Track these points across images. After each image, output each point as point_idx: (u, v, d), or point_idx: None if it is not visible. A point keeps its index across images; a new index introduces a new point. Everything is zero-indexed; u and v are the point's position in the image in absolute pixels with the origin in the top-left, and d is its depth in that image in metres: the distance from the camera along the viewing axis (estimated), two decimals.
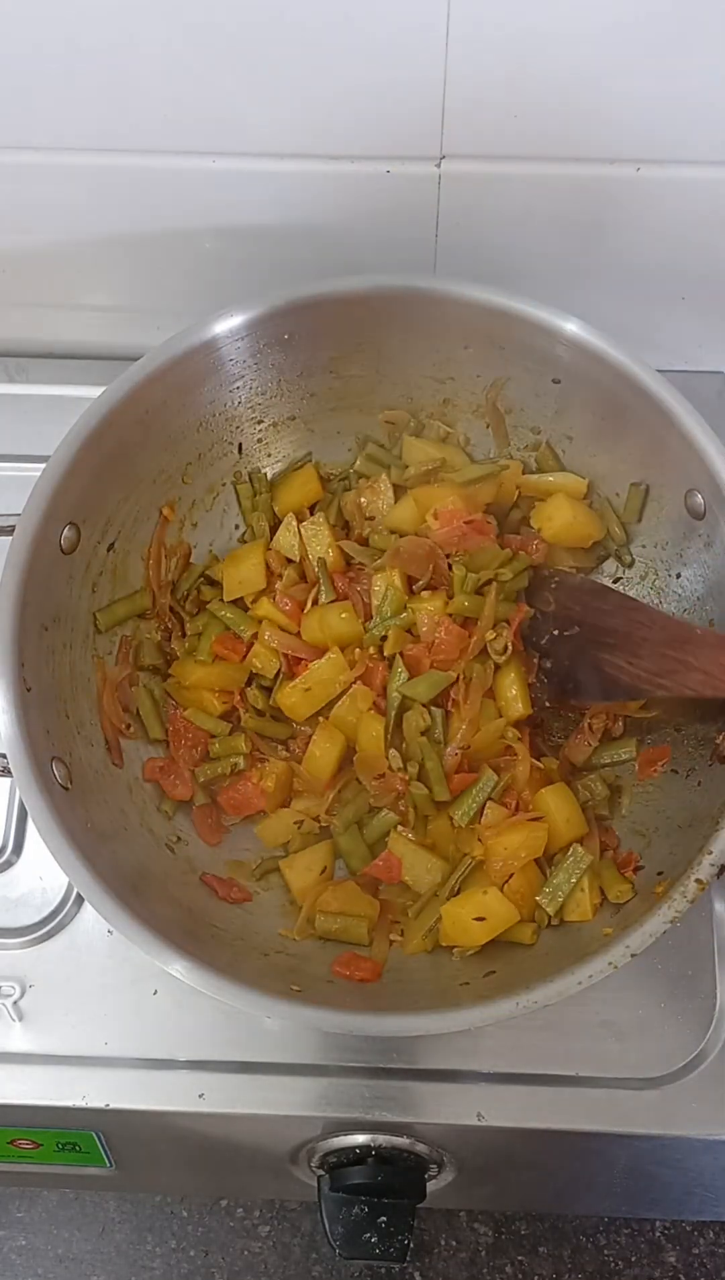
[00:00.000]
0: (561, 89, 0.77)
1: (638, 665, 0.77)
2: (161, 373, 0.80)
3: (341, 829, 0.82)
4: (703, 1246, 1.31)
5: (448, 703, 0.81)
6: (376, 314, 0.84)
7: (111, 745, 0.81)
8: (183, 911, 0.75)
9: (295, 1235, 1.32)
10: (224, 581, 0.87)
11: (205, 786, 0.84)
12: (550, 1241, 1.32)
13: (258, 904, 0.81)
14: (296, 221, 0.88)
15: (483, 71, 0.76)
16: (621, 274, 0.93)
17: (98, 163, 0.85)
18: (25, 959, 0.81)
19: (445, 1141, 0.80)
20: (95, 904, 0.68)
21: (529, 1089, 0.77)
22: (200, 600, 0.89)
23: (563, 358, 0.82)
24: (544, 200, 0.86)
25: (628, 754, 0.83)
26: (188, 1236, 1.33)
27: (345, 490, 0.91)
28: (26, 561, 0.74)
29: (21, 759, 0.70)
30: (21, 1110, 0.78)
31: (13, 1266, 1.32)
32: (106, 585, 0.83)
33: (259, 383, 0.87)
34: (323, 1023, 0.67)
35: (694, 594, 0.82)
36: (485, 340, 0.84)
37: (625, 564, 0.87)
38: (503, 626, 0.82)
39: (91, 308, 0.99)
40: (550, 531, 0.86)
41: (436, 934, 0.77)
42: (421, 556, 0.84)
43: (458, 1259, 1.31)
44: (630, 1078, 0.77)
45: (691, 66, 0.76)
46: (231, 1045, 0.78)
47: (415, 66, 0.76)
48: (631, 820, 0.81)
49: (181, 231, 0.90)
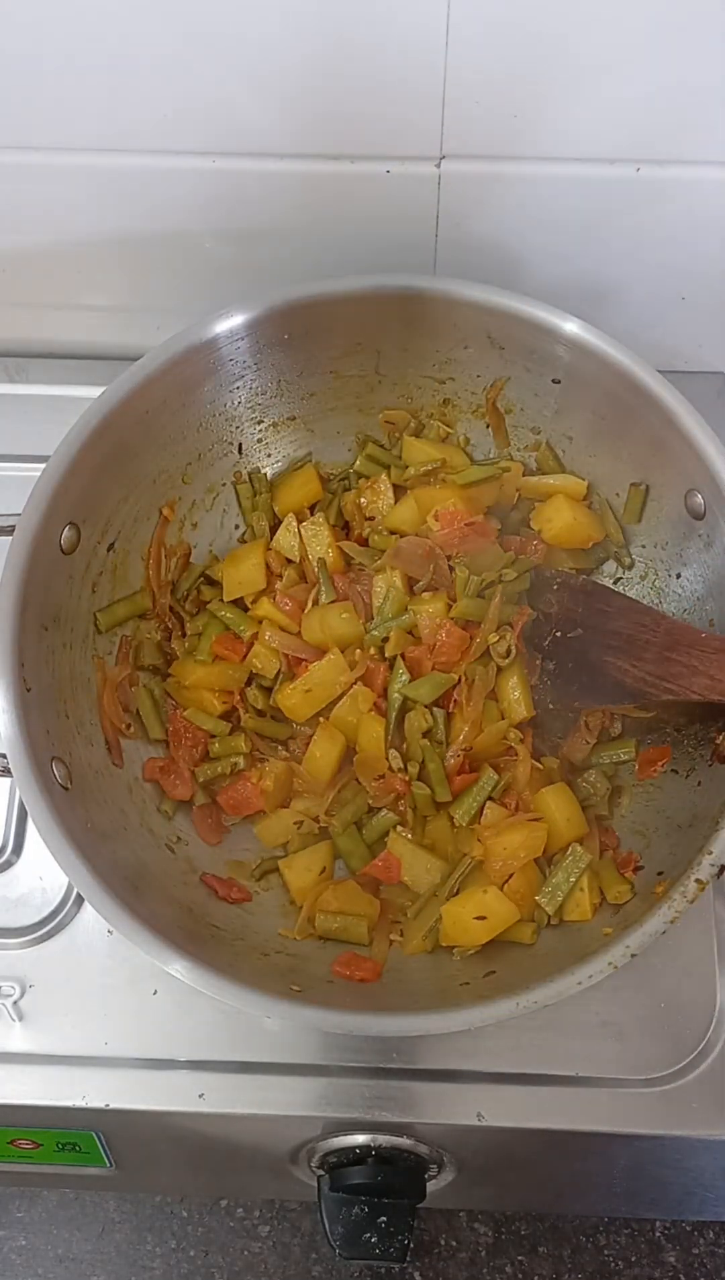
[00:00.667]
0: (561, 89, 0.77)
1: (641, 668, 0.77)
2: (161, 373, 0.80)
3: (340, 829, 0.82)
4: (702, 1246, 1.32)
5: (449, 704, 0.81)
6: (376, 314, 0.84)
7: (111, 745, 0.81)
8: (182, 911, 0.75)
9: (295, 1235, 1.32)
10: (224, 581, 0.87)
11: (205, 786, 0.84)
12: (550, 1241, 1.32)
13: (258, 904, 0.81)
14: (296, 221, 0.88)
15: (483, 71, 0.76)
16: (621, 274, 0.93)
17: (98, 163, 0.85)
18: (25, 959, 0.81)
19: (445, 1141, 0.80)
20: (95, 904, 0.68)
21: (529, 1089, 0.77)
22: (200, 600, 0.89)
23: (563, 358, 0.82)
24: (544, 200, 0.86)
25: (627, 754, 0.83)
26: (188, 1236, 1.33)
27: (345, 490, 0.91)
28: (26, 561, 0.74)
29: (21, 759, 0.70)
30: (21, 1110, 0.78)
31: (13, 1266, 1.32)
32: (106, 585, 0.83)
33: (259, 383, 0.87)
34: (322, 1023, 0.67)
35: (694, 594, 0.82)
36: (485, 340, 0.84)
37: (625, 566, 0.87)
38: (506, 629, 0.82)
39: (91, 308, 0.99)
40: (550, 533, 0.86)
41: (436, 934, 0.77)
42: (421, 557, 0.83)
43: (458, 1259, 1.31)
44: (630, 1078, 0.77)
45: (692, 66, 0.76)
46: (231, 1045, 0.78)
47: (415, 66, 0.76)
48: (631, 820, 0.81)
49: (181, 231, 0.90)
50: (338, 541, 0.87)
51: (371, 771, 0.82)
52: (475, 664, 0.81)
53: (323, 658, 0.83)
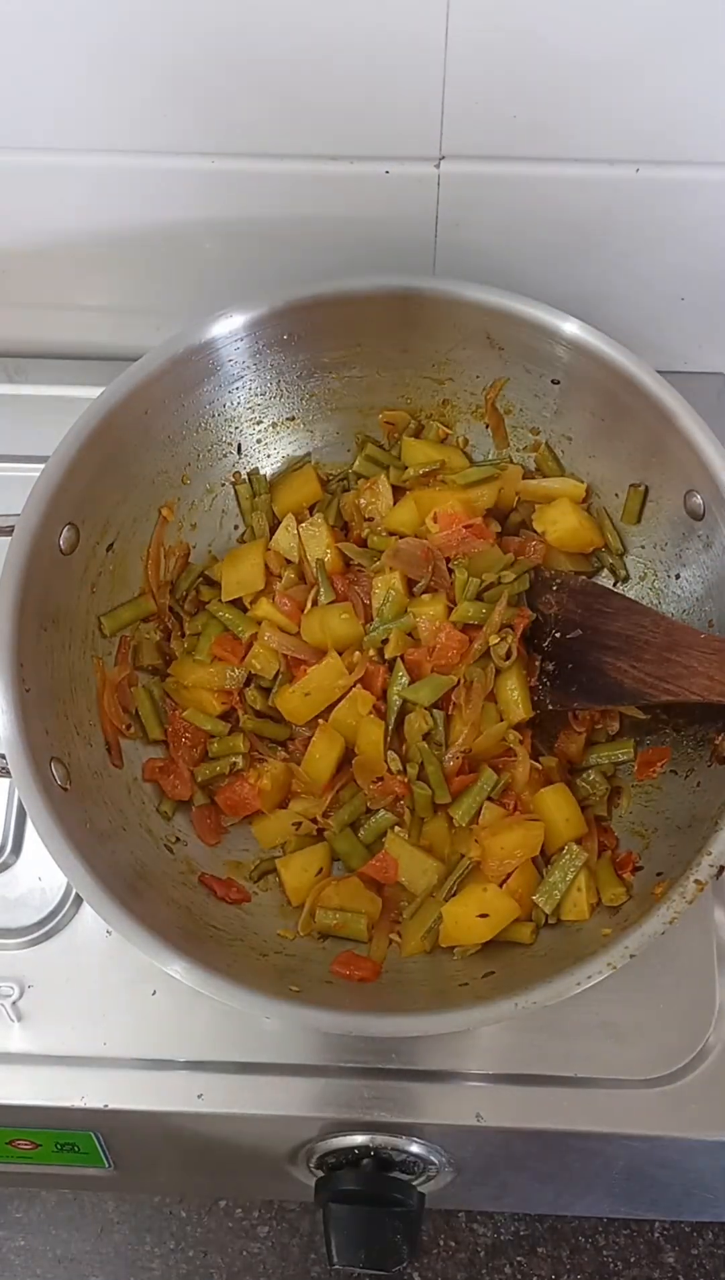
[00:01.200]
0: (561, 89, 0.77)
1: (640, 669, 0.77)
2: (161, 373, 0.80)
3: (337, 830, 0.82)
4: (702, 1247, 1.32)
5: (448, 705, 0.81)
6: (376, 314, 0.84)
7: (111, 745, 0.81)
8: (181, 912, 0.75)
9: (294, 1236, 1.32)
10: (222, 582, 0.87)
11: (203, 787, 0.83)
12: (549, 1242, 1.32)
13: (257, 904, 0.81)
14: (296, 222, 0.88)
15: (483, 71, 0.76)
16: (621, 274, 0.93)
17: (97, 163, 0.85)
18: (24, 959, 0.81)
19: (444, 1142, 0.80)
20: (94, 904, 0.68)
21: (528, 1089, 0.77)
22: (199, 600, 0.89)
23: (562, 358, 0.82)
24: (544, 200, 0.86)
25: (626, 755, 0.83)
26: (186, 1237, 1.33)
27: (344, 491, 0.91)
28: (26, 562, 0.74)
29: (20, 759, 0.70)
30: (20, 1110, 0.78)
31: (11, 1267, 1.32)
32: (106, 586, 0.83)
33: (258, 383, 0.87)
34: (321, 1023, 0.67)
35: (693, 595, 0.82)
36: (485, 341, 0.84)
37: (620, 578, 0.87)
38: (507, 632, 0.82)
39: (91, 308, 0.99)
40: (554, 536, 0.86)
41: (435, 934, 0.77)
42: (419, 558, 0.83)
43: (456, 1259, 1.31)
44: (629, 1078, 0.77)
45: (691, 66, 0.76)
46: (230, 1046, 0.78)
47: (415, 66, 0.76)
48: (630, 820, 0.81)
49: (181, 232, 0.90)
50: (337, 542, 0.87)
51: (370, 774, 0.82)
52: (474, 666, 0.81)
53: (322, 658, 0.83)
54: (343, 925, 0.78)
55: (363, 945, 0.78)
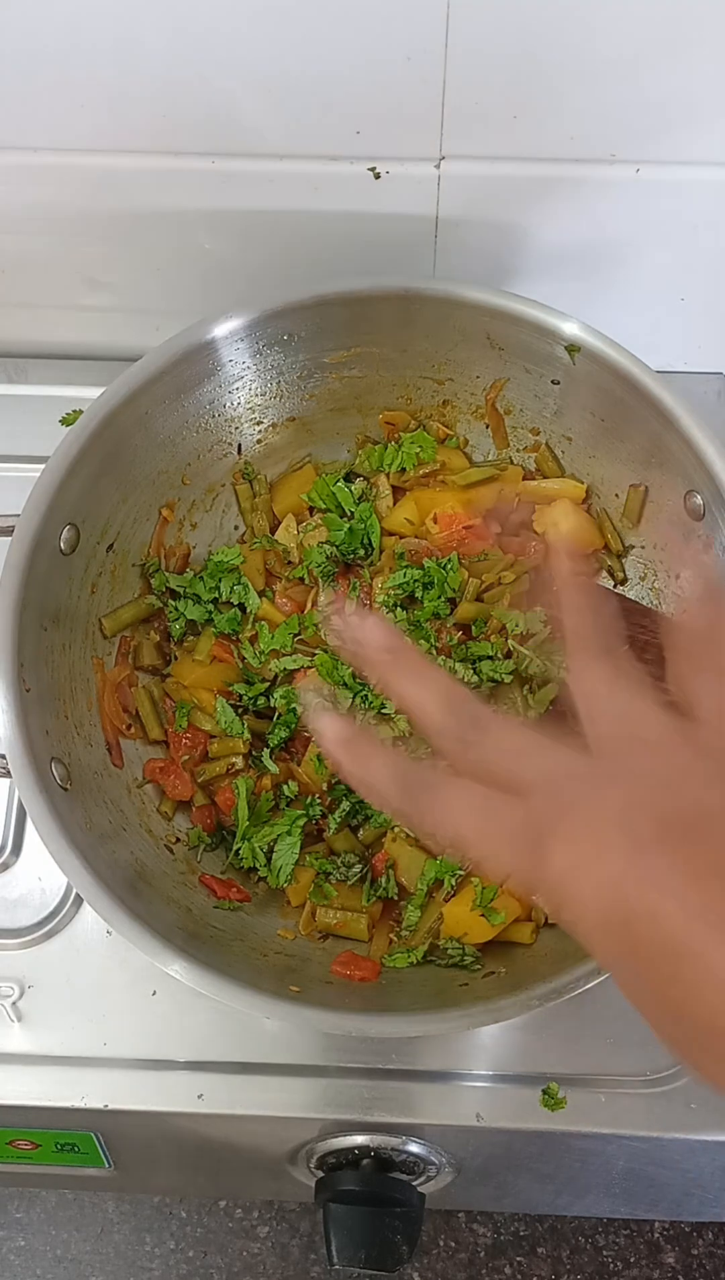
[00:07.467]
0: (561, 89, 0.77)
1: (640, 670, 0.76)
2: (161, 373, 0.80)
3: (335, 830, 0.81)
4: (701, 1247, 1.32)
5: None
6: (376, 314, 0.84)
7: (111, 746, 0.81)
8: (182, 912, 0.75)
9: (294, 1236, 1.32)
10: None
11: (204, 786, 0.83)
12: (549, 1242, 1.32)
13: (256, 904, 0.81)
14: (296, 222, 0.88)
15: (483, 71, 0.76)
16: (621, 274, 0.93)
17: (98, 163, 0.84)
18: (24, 959, 0.81)
19: (444, 1142, 0.80)
20: (94, 904, 0.68)
21: (528, 1089, 0.77)
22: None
23: (562, 359, 0.82)
24: (544, 200, 0.86)
25: None
26: (186, 1237, 1.33)
27: None
28: (26, 562, 0.74)
29: (20, 759, 0.70)
30: (20, 1111, 0.78)
31: (11, 1267, 1.32)
32: (106, 586, 0.83)
33: (259, 384, 0.87)
34: (321, 1023, 0.67)
35: (693, 595, 0.82)
36: (484, 341, 0.84)
37: (618, 580, 0.87)
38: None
39: (91, 308, 0.99)
40: (556, 537, 0.86)
41: (435, 935, 0.77)
42: (419, 559, 0.83)
43: (456, 1259, 1.31)
44: (629, 1079, 0.77)
45: (691, 66, 0.76)
46: (230, 1046, 0.78)
47: (414, 66, 0.76)
48: None
49: (182, 232, 0.90)
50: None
51: None
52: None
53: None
54: (343, 925, 0.78)
55: (363, 945, 0.78)
